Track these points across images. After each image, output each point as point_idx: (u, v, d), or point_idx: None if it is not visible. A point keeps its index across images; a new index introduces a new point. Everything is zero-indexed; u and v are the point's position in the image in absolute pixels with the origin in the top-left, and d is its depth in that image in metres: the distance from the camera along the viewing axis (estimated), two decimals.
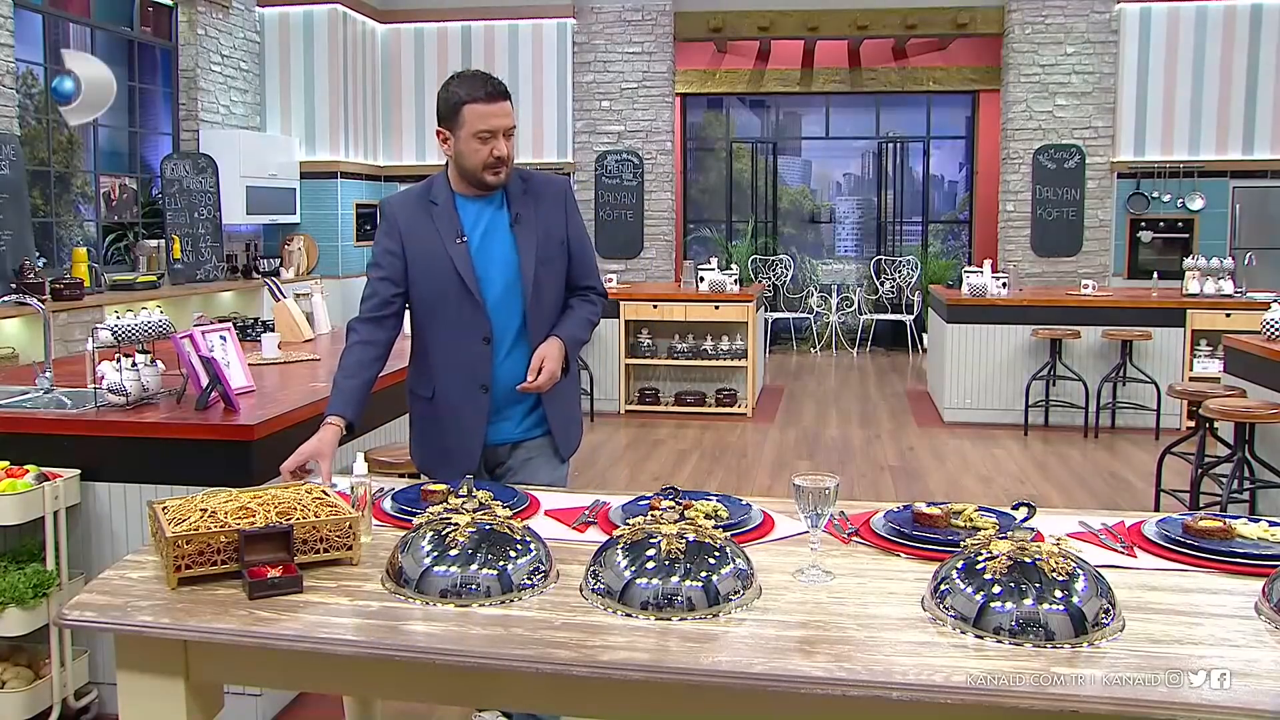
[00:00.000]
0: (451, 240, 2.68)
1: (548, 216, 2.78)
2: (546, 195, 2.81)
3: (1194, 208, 10.56)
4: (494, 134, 2.63)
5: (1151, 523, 2.15)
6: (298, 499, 1.98)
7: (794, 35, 11.82)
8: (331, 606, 1.76)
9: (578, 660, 1.59)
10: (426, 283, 2.70)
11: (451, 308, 2.68)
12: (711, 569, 1.75)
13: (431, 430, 2.80)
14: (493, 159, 2.64)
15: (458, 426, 2.74)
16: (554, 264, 2.77)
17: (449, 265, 2.66)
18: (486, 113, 2.62)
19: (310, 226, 10.54)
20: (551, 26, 11.27)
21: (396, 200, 2.82)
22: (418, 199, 2.77)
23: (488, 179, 2.67)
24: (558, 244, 2.78)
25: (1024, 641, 1.60)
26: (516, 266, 2.71)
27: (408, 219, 2.73)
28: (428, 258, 2.69)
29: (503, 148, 2.64)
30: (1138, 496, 6.13)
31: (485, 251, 2.71)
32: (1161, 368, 7.88)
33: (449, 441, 2.76)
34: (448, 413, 2.74)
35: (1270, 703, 1.43)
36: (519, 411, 2.78)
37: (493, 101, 2.63)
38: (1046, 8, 10.74)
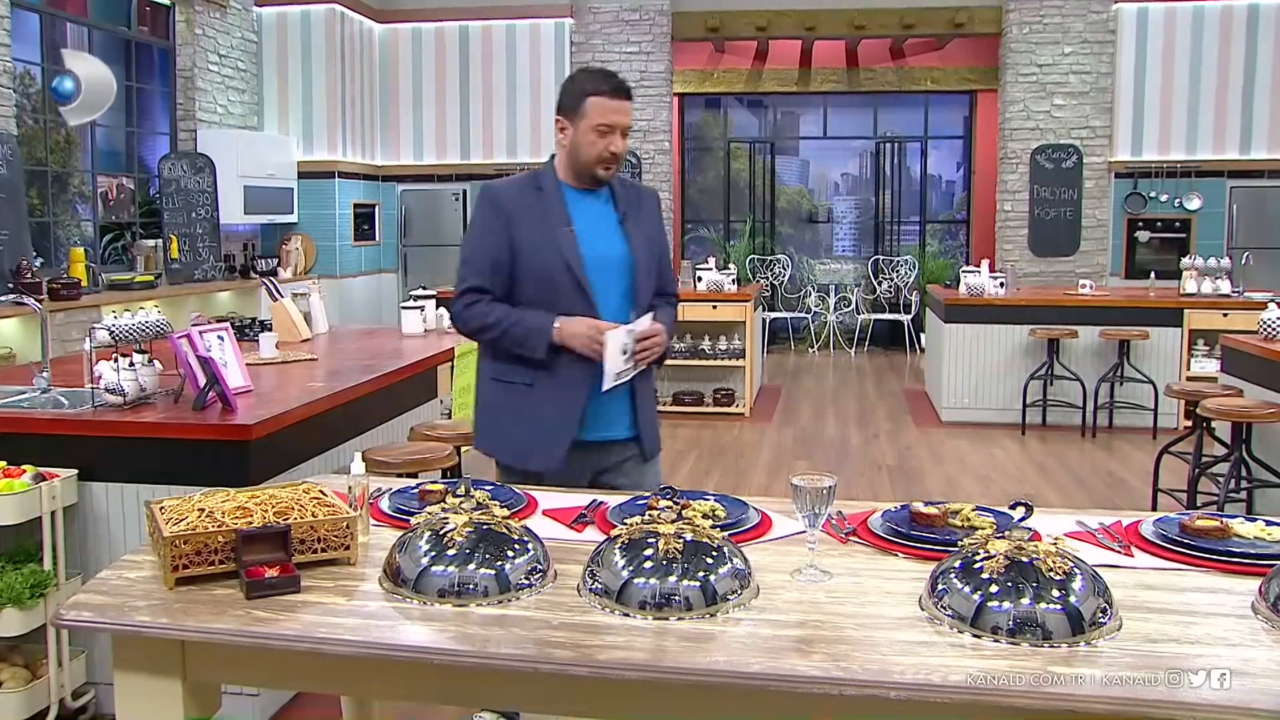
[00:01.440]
0: (559, 227, 2.72)
1: (647, 221, 2.86)
2: (645, 201, 2.90)
3: (1191, 207, 10.58)
4: (613, 129, 2.67)
5: (1148, 522, 2.15)
6: (295, 499, 1.98)
7: (791, 35, 11.83)
8: (329, 606, 1.76)
9: (575, 660, 1.59)
10: (532, 268, 2.71)
11: (558, 294, 2.70)
12: (709, 569, 1.75)
13: (522, 421, 2.76)
14: (608, 154, 2.69)
15: (556, 415, 2.72)
16: (651, 266, 2.84)
17: (557, 252, 2.70)
18: (609, 108, 2.67)
19: (308, 226, 10.54)
20: (549, 26, 11.27)
21: (500, 186, 2.84)
22: (522, 185, 2.81)
23: (599, 172, 2.72)
24: (656, 248, 2.87)
25: (1021, 641, 1.60)
26: (626, 263, 2.77)
27: (513, 204, 2.75)
28: (534, 243, 2.71)
29: (619, 144, 2.69)
30: (1135, 496, 6.14)
31: (591, 244, 2.74)
32: (1159, 367, 7.89)
33: (544, 430, 2.73)
34: (547, 401, 2.72)
35: (1267, 701, 1.43)
36: (614, 409, 2.80)
37: (617, 98, 2.68)
38: (1044, 8, 10.75)
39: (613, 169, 2.73)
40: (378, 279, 11.43)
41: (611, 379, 2.65)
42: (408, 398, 4.53)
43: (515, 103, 11.37)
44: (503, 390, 2.80)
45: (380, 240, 11.51)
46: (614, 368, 2.63)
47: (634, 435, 2.84)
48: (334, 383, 3.93)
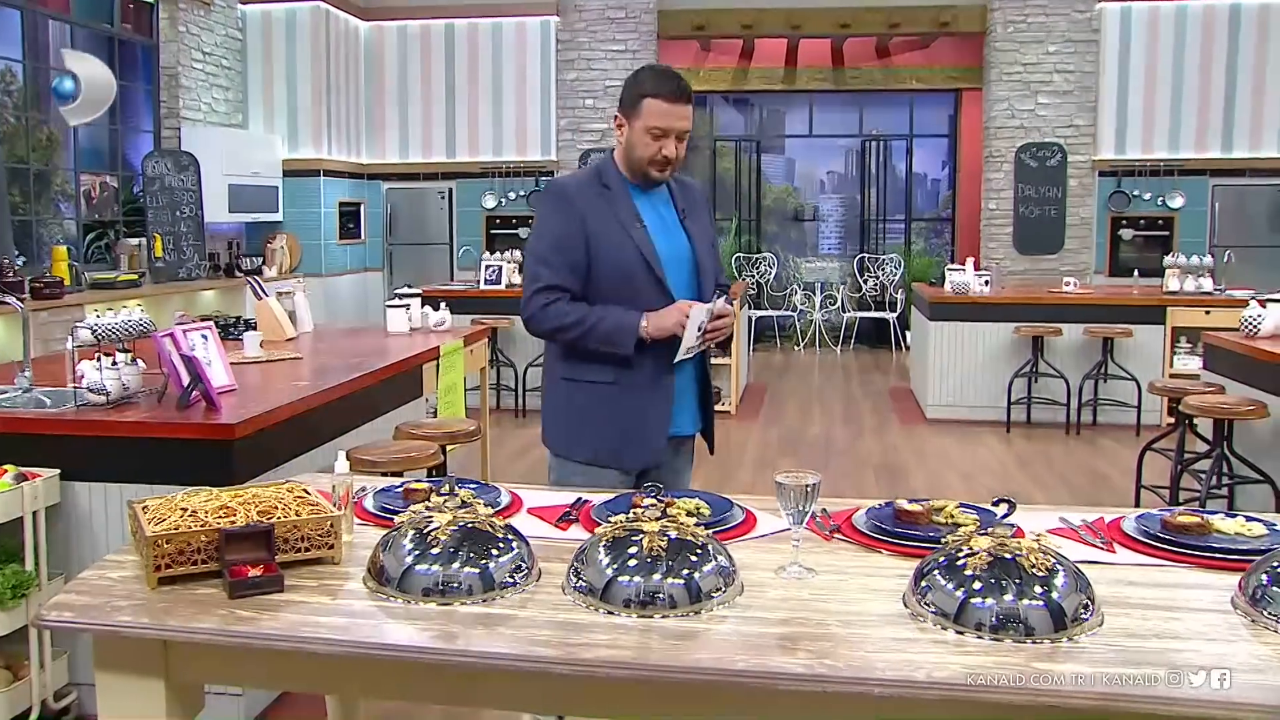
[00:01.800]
0: (631, 223, 2.71)
1: (701, 217, 2.88)
2: (699, 199, 2.92)
3: (1174, 206, 10.64)
4: (667, 133, 2.65)
5: (1130, 518, 2.16)
6: (279, 497, 1.98)
7: (777, 33, 11.86)
8: (313, 605, 1.76)
9: (560, 659, 1.59)
10: (609, 264, 2.70)
11: (636, 290, 2.69)
12: (693, 566, 1.75)
13: (611, 417, 2.74)
14: (661, 157, 2.67)
15: (643, 412, 2.73)
16: (709, 261, 2.85)
17: (633, 247, 2.70)
18: (666, 111, 2.64)
19: (293, 225, 10.51)
20: (535, 24, 11.26)
21: (569, 183, 2.83)
22: (590, 182, 2.78)
23: (652, 173, 2.71)
24: (710, 243, 2.90)
25: (1004, 637, 1.61)
26: (690, 259, 2.79)
27: (585, 201, 2.73)
28: (610, 240, 2.70)
29: (672, 148, 2.67)
30: (1119, 493, 6.17)
31: (663, 239, 2.76)
32: (1142, 365, 7.93)
33: (633, 428, 2.73)
34: (633, 398, 2.72)
35: (1246, 695, 1.44)
36: (688, 403, 2.84)
37: (674, 102, 2.65)
38: (1028, 7, 10.80)
39: (667, 171, 2.72)
40: (363, 278, 11.40)
41: (683, 352, 2.66)
42: (393, 396, 4.52)
43: (501, 101, 11.36)
44: (582, 390, 2.77)
45: (366, 239, 11.49)
46: (688, 343, 2.65)
47: (702, 428, 2.90)
48: (319, 381, 3.92)
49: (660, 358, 2.70)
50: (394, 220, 11.65)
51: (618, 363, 2.68)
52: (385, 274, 11.62)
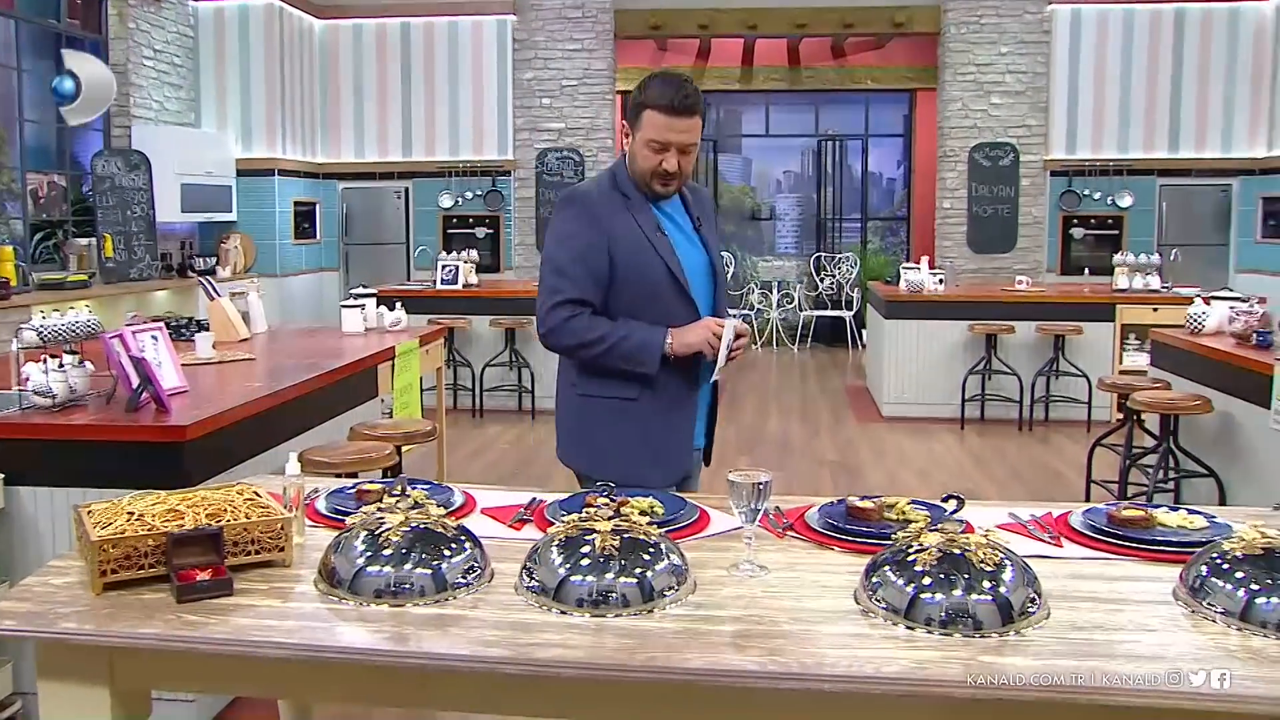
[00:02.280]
0: (654, 233, 2.61)
1: (710, 223, 2.81)
2: (708, 207, 2.83)
3: (1123, 205, 10.81)
4: (666, 147, 2.53)
5: (1077, 513, 2.19)
6: (228, 500, 1.96)
7: (733, 33, 11.89)
8: (262, 609, 1.74)
9: (511, 659, 1.59)
10: (634, 275, 2.59)
11: (662, 302, 2.60)
12: (646, 565, 1.76)
13: (638, 435, 2.63)
14: (661, 170, 2.56)
15: (670, 428, 2.65)
16: (723, 271, 2.81)
17: (657, 257, 2.59)
18: (665, 124, 2.52)
19: (247, 225, 10.38)
20: (491, 23, 11.22)
21: (589, 193, 2.68)
22: (610, 192, 2.65)
23: (655, 188, 2.60)
24: (720, 253, 2.84)
25: (953, 631, 1.63)
26: (708, 269, 2.72)
27: (608, 210, 2.61)
28: (634, 250, 2.59)
29: (673, 163, 2.55)
30: (1070, 488, 6.26)
31: (683, 249, 2.67)
32: (1092, 361, 8.05)
33: (661, 445, 2.64)
34: (659, 414, 2.63)
35: (1184, 684, 1.47)
36: (702, 416, 2.79)
37: (675, 115, 2.51)
38: (981, 8, 10.91)
39: (671, 186, 2.60)
40: (319, 278, 11.29)
41: (716, 372, 2.62)
42: (348, 397, 4.48)
43: (458, 100, 11.30)
44: (603, 407, 2.66)
45: (321, 239, 11.38)
46: (720, 363, 2.60)
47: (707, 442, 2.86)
48: (272, 382, 3.89)
49: (684, 373, 2.63)
50: (350, 220, 11.56)
51: (640, 378, 2.60)
52: (341, 274, 11.51)
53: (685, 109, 2.51)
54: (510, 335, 8.65)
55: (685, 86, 2.53)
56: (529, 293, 8.89)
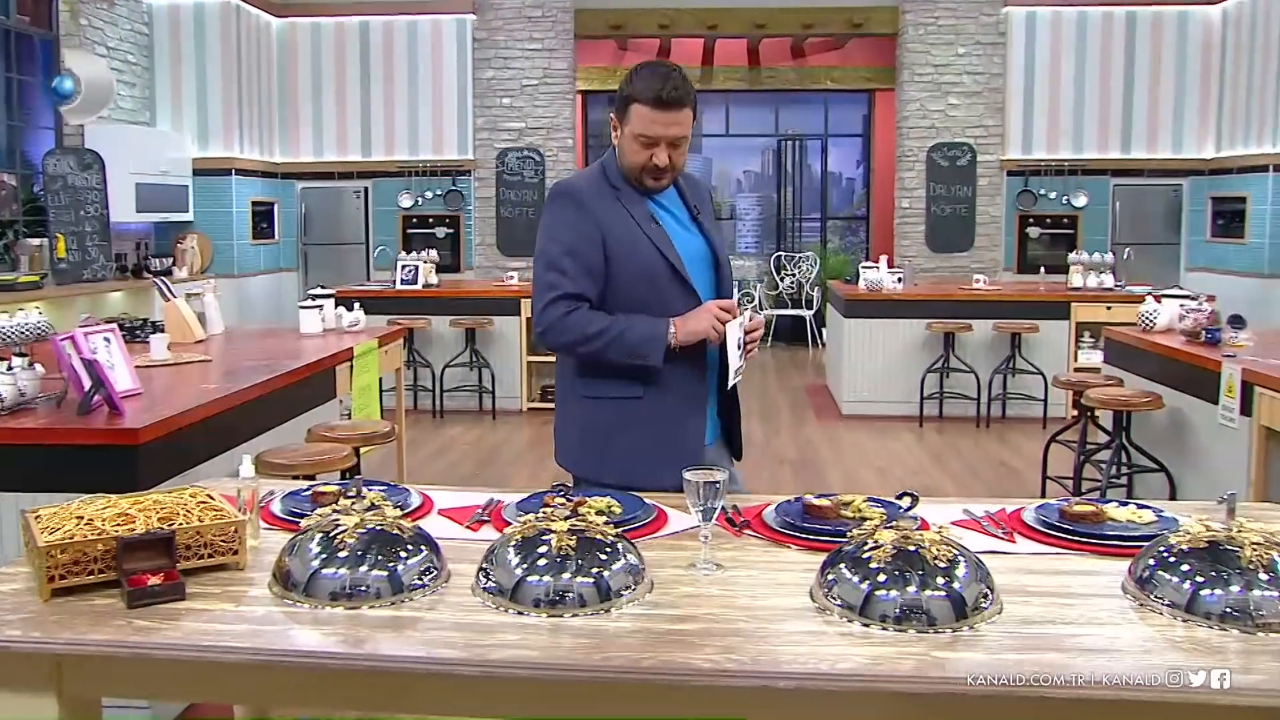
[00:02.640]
0: (647, 223, 2.53)
1: (709, 214, 2.71)
2: (706, 197, 2.75)
3: (1078, 204, 10.96)
4: (656, 142, 2.46)
5: (1030, 509, 2.22)
6: (181, 504, 1.93)
7: (694, 33, 11.92)
8: (215, 613, 1.72)
9: (468, 660, 1.58)
10: (630, 267, 2.52)
11: (661, 293, 2.52)
12: (603, 565, 1.76)
13: (643, 434, 2.54)
14: (652, 166, 2.49)
15: (678, 425, 2.55)
16: (727, 260, 2.71)
17: (652, 249, 2.52)
18: (652, 119, 2.43)
19: (204, 225, 10.26)
20: (451, 23, 11.17)
21: (578, 185, 2.60)
22: (600, 183, 2.57)
23: (646, 182, 2.53)
24: (721, 243, 2.73)
25: (908, 627, 1.64)
26: (709, 259, 2.63)
27: (599, 203, 2.54)
28: (627, 241, 2.51)
29: (664, 157, 2.47)
30: (1026, 484, 6.34)
31: (680, 240, 2.59)
32: (1048, 359, 8.16)
33: (668, 443, 2.52)
34: (666, 411, 2.54)
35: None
36: (711, 412, 2.66)
37: (662, 109, 2.42)
38: (938, 9, 11.02)
39: (663, 179, 2.53)
40: (277, 278, 11.19)
41: (734, 376, 2.51)
42: (306, 398, 4.45)
43: (417, 100, 11.24)
44: (607, 407, 2.57)
45: (280, 239, 11.27)
46: (734, 363, 2.49)
47: (721, 438, 2.74)
48: (228, 384, 3.85)
49: (691, 365, 2.54)
50: (308, 220, 11.46)
51: (642, 375, 2.51)
52: (300, 274, 11.42)
53: (673, 102, 2.43)
54: (470, 335, 8.62)
55: (672, 77, 2.44)
56: (489, 293, 8.90)
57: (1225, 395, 4.40)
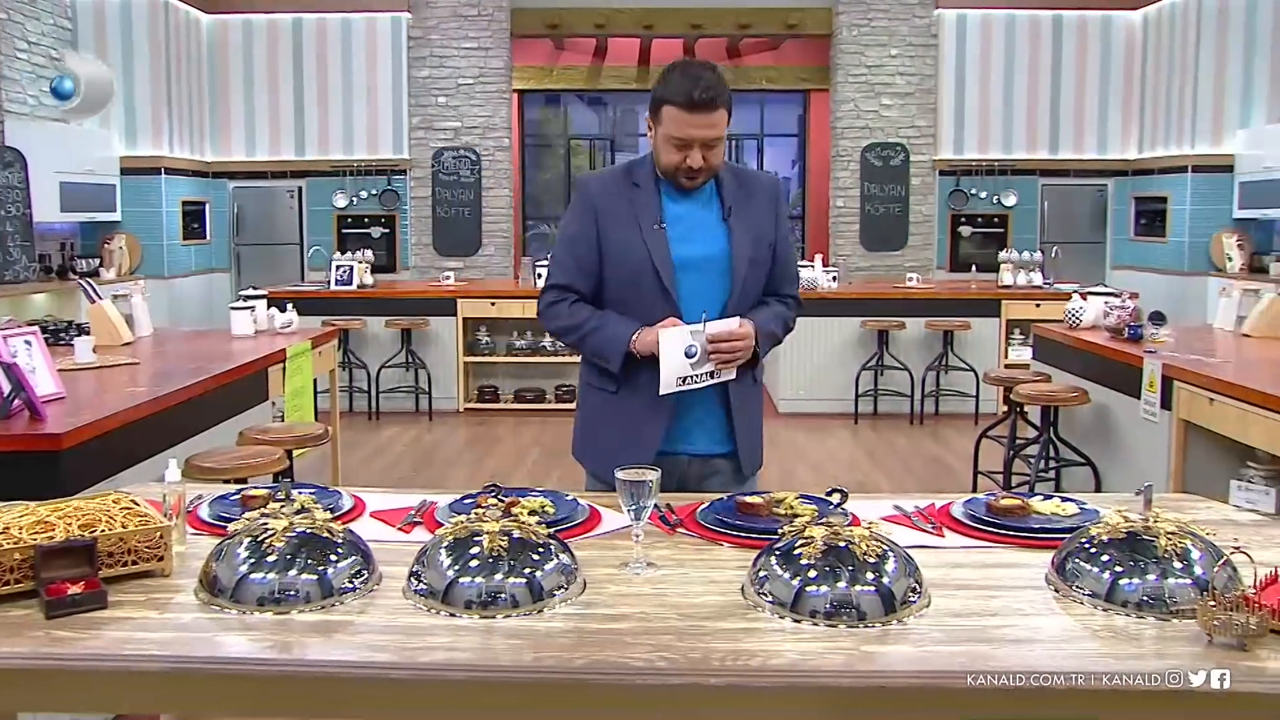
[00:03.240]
0: (649, 225, 2.51)
1: (759, 215, 2.59)
2: (759, 192, 2.62)
3: (1008, 204, 11.16)
4: (689, 144, 2.43)
5: (959, 504, 2.26)
6: (103, 510, 1.89)
7: (630, 33, 11.94)
8: (139, 621, 1.69)
9: (399, 663, 1.57)
10: (619, 268, 2.53)
11: (640, 296, 2.51)
12: (535, 565, 1.76)
13: (610, 428, 2.60)
14: (685, 167, 2.46)
15: (637, 426, 2.55)
16: (761, 266, 2.59)
17: (643, 252, 2.50)
18: (683, 120, 2.41)
19: (133, 225, 10.05)
20: (386, 21, 11.07)
21: (592, 179, 2.65)
22: (618, 179, 2.59)
23: (681, 182, 2.51)
24: (766, 245, 2.60)
25: (838, 623, 1.66)
26: (726, 262, 2.54)
27: (605, 200, 2.55)
28: (622, 242, 2.52)
29: (698, 159, 2.44)
30: (958, 479, 6.44)
31: (687, 242, 2.53)
32: (980, 356, 8.31)
33: (626, 442, 2.52)
34: (630, 410, 2.55)
35: (1052, 665, 1.53)
36: (703, 421, 2.59)
37: (693, 111, 2.40)
38: (871, 11, 11.15)
39: (698, 179, 2.50)
40: (209, 279, 10.99)
41: (673, 383, 2.45)
42: (237, 401, 4.38)
43: (352, 98, 11.12)
44: (597, 398, 2.64)
45: (211, 239, 11.08)
46: (675, 370, 2.43)
47: (730, 450, 2.64)
48: (156, 387, 3.78)
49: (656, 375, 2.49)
50: (241, 220, 11.28)
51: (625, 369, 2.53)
52: (232, 275, 11.23)
53: (705, 104, 2.40)
54: (406, 336, 8.54)
55: (705, 78, 2.41)
56: (425, 293, 8.83)
57: (1147, 390, 4.51)
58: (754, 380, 2.67)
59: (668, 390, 2.46)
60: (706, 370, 2.47)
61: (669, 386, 2.46)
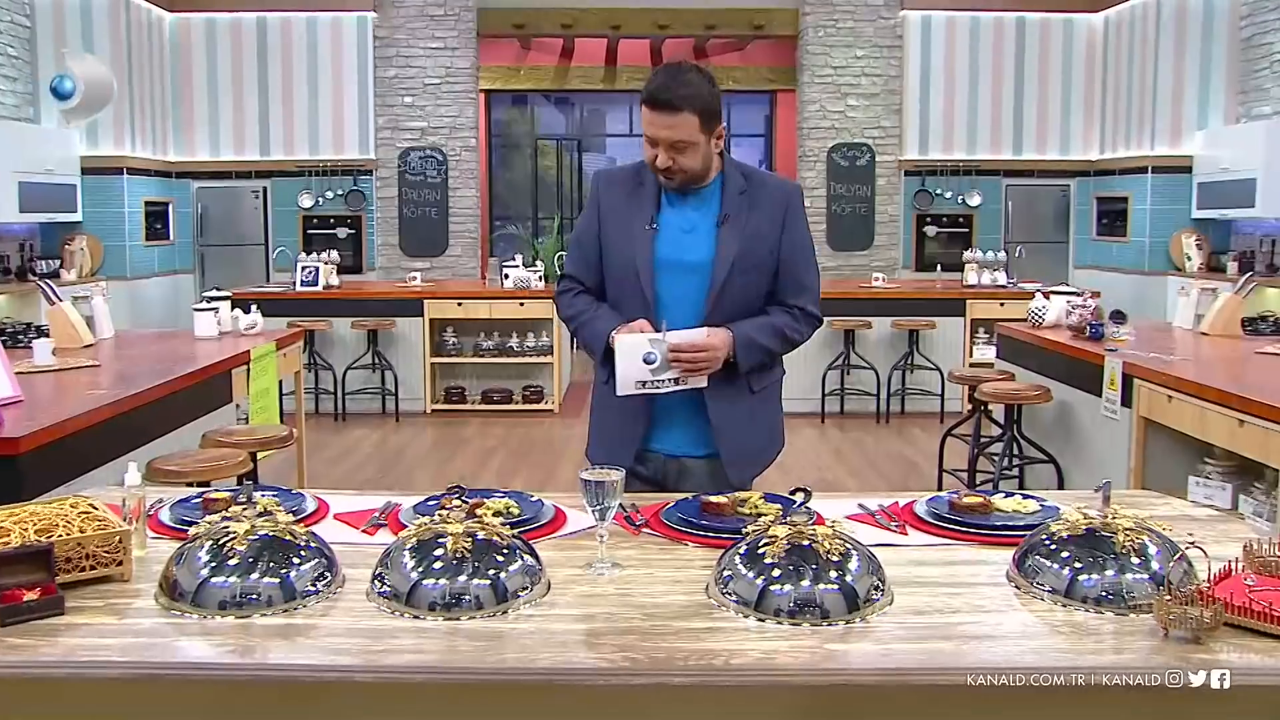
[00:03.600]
0: (642, 226, 2.54)
1: (761, 222, 2.55)
2: (766, 200, 2.58)
3: (972, 204, 11.25)
4: (655, 142, 2.44)
5: (922, 502, 2.28)
6: (61, 514, 1.87)
7: (597, 33, 11.92)
8: (97, 627, 1.67)
9: (362, 666, 1.56)
10: (611, 265, 2.61)
11: (624, 294, 2.57)
12: (499, 566, 1.76)
13: (603, 419, 2.71)
14: (656, 165, 2.47)
15: (622, 419, 2.60)
16: (753, 274, 2.54)
17: (630, 251, 2.54)
18: (646, 118, 2.44)
19: (95, 225, 9.92)
20: (351, 20, 11.00)
21: (606, 174, 2.71)
22: (628, 176, 2.63)
23: (661, 179, 2.53)
24: (765, 253, 2.55)
25: (802, 621, 1.67)
26: (709, 269, 2.52)
27: (610, 195, 2.62)
28: (617, 239, 2.58)
29: (664, 159, 2.44)
30: (924, 477, 6.49)
31: (675, 244, 2.54)
32: (945, 355, 8.37)
33: (613, 434, 2.64)
34: (616, 405, 2.57)
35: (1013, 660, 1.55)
36: (682, 423, 2.60)
37: (653, 109, 2.41)
38: (837, 12, 11.21)
39: (673, 180, 2.49)
40: (173, 280, 10.88)
41: (630, 387, 2.46)
42: (200, 403, 4.34)
43: (317, 98, 11.04)
44: (599, 391, 2.72)
45: (175, 240, 10.96)
46: (631, 375, 2.45)
47: (710, 454, 2.62)
48: (118, 389, 3.74)
49: None
50: (205, 220, 11.17)
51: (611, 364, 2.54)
52: (196, 276, 11.11)
53: (663, 104, 2.40)
54: (373, 337, 8.50)
55: (669, 77, 2.42)
56: (392, 294, 8.78)
57: (1108, 388, 4.57)
58: (751, 390, 2.64)
59: (623, 392, 2.48)
60: (669, 377, 2.46)
61: (625, 389, 2.48)
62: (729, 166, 2.59)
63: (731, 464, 2.61)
